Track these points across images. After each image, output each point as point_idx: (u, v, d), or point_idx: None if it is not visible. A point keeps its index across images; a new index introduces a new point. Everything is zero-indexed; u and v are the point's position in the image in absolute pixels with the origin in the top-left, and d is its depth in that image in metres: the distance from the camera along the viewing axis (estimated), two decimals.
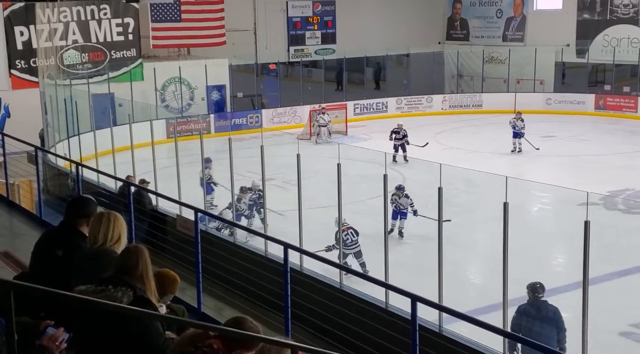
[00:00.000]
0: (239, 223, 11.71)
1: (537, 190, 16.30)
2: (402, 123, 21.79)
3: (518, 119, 21.85)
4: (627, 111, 26.77)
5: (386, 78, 31.77)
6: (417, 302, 5.73)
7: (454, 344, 6.75)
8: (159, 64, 25.60)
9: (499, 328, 5.93)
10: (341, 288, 8.27)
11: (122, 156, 13.94)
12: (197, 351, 3.42)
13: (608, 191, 16.40)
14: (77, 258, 4.33)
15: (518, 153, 21.56)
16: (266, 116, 26.72)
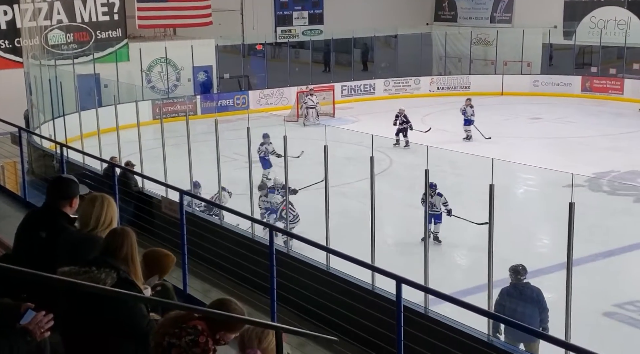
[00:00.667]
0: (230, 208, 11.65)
1: (523, 172, 16.37)
2: (403, 108, 21.59)
3: (468, 105, 21.44)
4: (613, 93, 26.88)
5: (374, 59, 31.67)
6: (402, 284, 5.76)
7: (439, 326, 6.79)
8: (145, 45, 25.36)
9: (483, 309, 5.98)
10: (327, 270, 8.29)
11: (108, 137, 13.84)
12: (182, 332, 3.43)
13: (593, 172, 16.51)
14: (64, 241, 4.28)
15: (469, 140, 20.94)
16: (253, 98, 26.59)
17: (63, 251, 4.22)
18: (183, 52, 25.37)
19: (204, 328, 3.47)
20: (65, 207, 4.52)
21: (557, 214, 7.98)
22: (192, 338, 3.42)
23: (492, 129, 22.54)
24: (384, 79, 29.24)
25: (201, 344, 3.42)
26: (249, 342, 3.37)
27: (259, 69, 28.69)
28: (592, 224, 12.66)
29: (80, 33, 24.03)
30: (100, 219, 4.25)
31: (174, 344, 3.42)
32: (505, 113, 25.22)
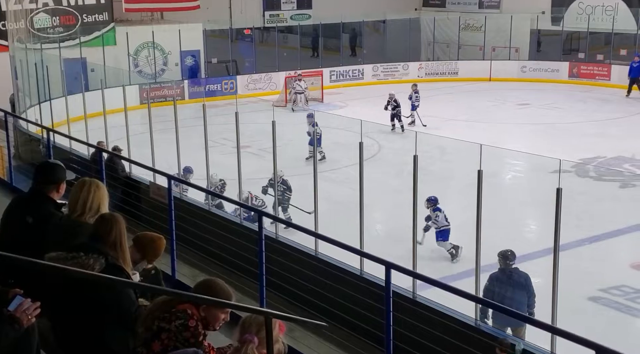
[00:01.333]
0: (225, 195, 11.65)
1: (511, 158, 16.45)
2: (393, 93, 21.55)
3: (414, 91, 21.67)
4: (600, 79, 26.98)
5: (362, 45, 31.58)
6: (391, 269, 5.78)
7: (427, 311, 6.83)
8: (132, 29, 25.14)
9: (471, 294, 6.01)
10: (316, 255, 8.30)
11: (95, 122, 13.73)
12: (171, 317, 3.43)
13: (580, 158, 16.60)
14: (51, 227, 4.25)
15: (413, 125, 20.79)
16: (241, 83, 26.48)
17: (50, 237, 4.20)
18: (170, 37, 25.18)
19: (194, 312, 3.47)
20: (51, 193, 4.49)
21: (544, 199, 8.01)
22: (182, 322, 3.42)
23: (481, 114, 22.62)
24: (372, 64, 29.18)
25: (191, 328, 3.42)
26: (248, 328, 3.37)
27: (247, 54, 28.54)
28: (578, 209, 12.75)
29: (66, 16, 23.77)
30: (87, 204, 4.20)
31: (163, 329, 3.42)
32: (493, 99, 25.27)
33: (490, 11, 30.56)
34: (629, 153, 17.63)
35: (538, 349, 6.17)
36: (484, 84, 28.06)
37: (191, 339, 3.41)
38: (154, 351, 3.42)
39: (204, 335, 3.47)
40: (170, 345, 3.40)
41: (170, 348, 3.40)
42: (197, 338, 3.43)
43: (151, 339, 3.43)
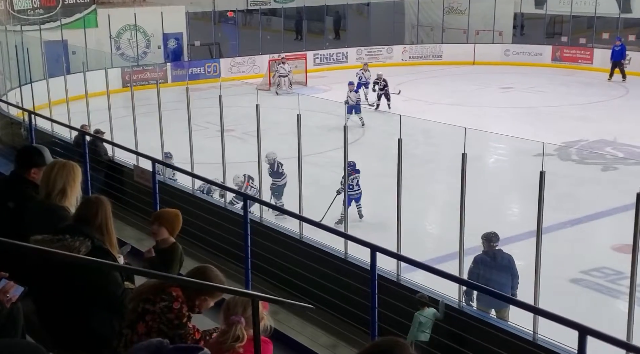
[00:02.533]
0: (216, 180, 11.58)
1: (494, 141, 16.53)
2: (381, 73, 21.74)
3: (365, 70, 22.99)
4: (582, 63, 27.12)
5: (346, 28, 31.46)
6: (376, 252, 5.80)
7: (412, 293, 6.89)
8: (114, 11, 24.87)
9: (455, 276, 6.06)
10: (301, 238, 8.32)
11: (77, 105, 13.61)
12: (156, 299, 3.45)
13: (563, 141, 16.72)
14: (29, 211, 4.20)
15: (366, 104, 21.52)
16: (224, 66, 26.32)
17: (28, 220, 4.15)
18: (153, 19, 24.93)
19: (179, 295, 3.49)
20: (34, 176, 4.43)
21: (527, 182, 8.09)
22: (166, 304, 3.45)
23: (465, 98, 22.67)
24: (356, 47, 29.09)
25: (175, 310, 3.44)
26: (234, 309, 3.39)
27: (230, 37, 28.34)
28: (561, 192, 12.85)
29: None
30: (49, 185, 4.09)
31: (148, 311, 3.45)
32: (477, 82, 25.33)
33: None
34: (610, 136, 17.79)
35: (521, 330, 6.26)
36: (468, 68, 28.11)
37: (175, 321, 3.44)
38: (138, 332, 3.45)
39: (188, 317, 3.48)
40: (154, 327, 3.44)
41: (154, 330, 3.43)
42: (180, 320, 3.45)
43: (136, 320, 3.46)
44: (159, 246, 5.18)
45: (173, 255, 5.18)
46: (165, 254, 5.14)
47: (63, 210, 4.03)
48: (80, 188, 4.22)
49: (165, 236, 5.15)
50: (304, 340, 6.72)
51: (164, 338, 3.39)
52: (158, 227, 5.14)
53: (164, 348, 2.32)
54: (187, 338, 3.47)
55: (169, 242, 5.18)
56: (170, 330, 3.44)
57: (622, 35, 26.10)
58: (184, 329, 3.46)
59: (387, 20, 30.36)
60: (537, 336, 6.21)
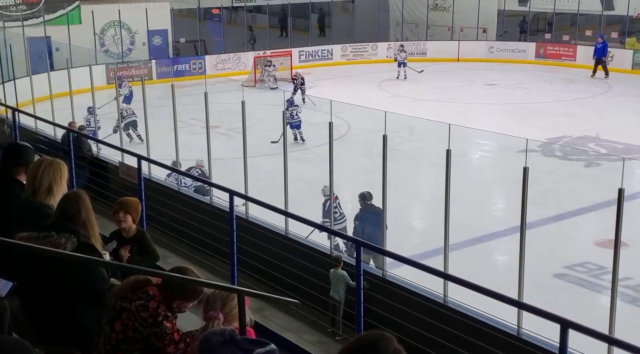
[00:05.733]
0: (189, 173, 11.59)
1: (479, 137, 16.61)
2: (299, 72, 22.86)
3: (401, 51, 25.77)
4: (566, 60, 27.31)
5: (331, 25, 31.46)
6: (361, 248, 5.83)
7: (397, 288, 6.93)
8: (97, 7, 24.70)
9: (441, 271, 6.10)
10: (286, 234, 8.34)
11: (61, 102, 13.52)
12: (133, 297, 3.46)
13: (546, 138, 16.84)
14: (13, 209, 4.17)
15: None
16: (210, 63, 26.25)
17: (14, 218, 4.12)
18: (137, 15, 24.80)
19: (156, 294, 3.50)
20: (19, 174, 4.41)
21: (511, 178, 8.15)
22: (142, 303, 3.46)
23: (449, 94, 22.77)
24: (341, 44, 29.11)
25: (150, 309, 3.45)
26: (213, 304, 3.39)
27: (215, 34, 28.25)
28: (544, 188, 12.96)
29: None
30: (35, 183, 4.07)
31: (124, 308, 3.46)
32: (461, 79, 25.44)
33: None
34: (593, 133, 17.94)
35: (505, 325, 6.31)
36: (452, 64, 28.23)
37: (149, 319, 3.44)
38: (116, 330, 3.46)
39: (164, 316, 3.48)
40: (129, 324, 3.45)
41: (130, 327, 3.44)
42: (155, 318, 3.45)
43: (114, 318, 3.47)
44: (126, 236, 5.19)
45: (146, 240, 5.29)
46: (138, 242, 5.17)
47: (49, 208, 4.01)
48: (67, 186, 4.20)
49: (130, 224, 5.19)
50: (290, 336, 6.74)
51: (139, 336, 3.41)
52: (124, 215, 5.18)
53: (236, 336, 2.38)
54: (163, 338, 3.47)
55: (134, 230, 5.22)
56: (145, 329, 3.45)
57: (604, 32, 26.32)
58: (160, 329, 3.46)
59: (372, 17, 30.39)
60: (521, 330, 6.27)
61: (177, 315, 3.59)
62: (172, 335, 3.49)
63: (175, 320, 3.56)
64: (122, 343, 3.44)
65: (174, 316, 3.55)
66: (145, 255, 5.20)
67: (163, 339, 3.45)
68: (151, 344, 3.45)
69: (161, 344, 3.45)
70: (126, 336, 3.44)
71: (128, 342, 3.45)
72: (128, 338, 3.44)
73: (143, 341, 3.45)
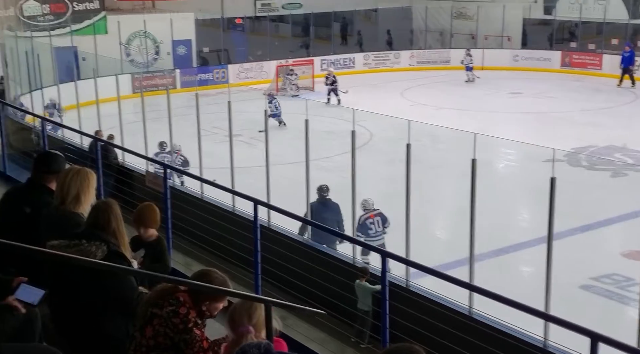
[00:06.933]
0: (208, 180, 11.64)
1: (504, 147, 16.49)
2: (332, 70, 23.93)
3: (468, 55, 26.20)
4: (591, 68, 27.05)
5: (354, 33, 31.50)
6: (387, 258, 5.79)
7: (421, 299, 6.87)
8: (123, 18, 25.01)
9: (465, 282, 6.04)
10: (307, 243, 8.33)
11: (87, 111, 13.70)
12: (164, 303, 3.47)
13: (572, 147, 16.68)
14: (44, 217, 4.21)
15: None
16: (232, 72, 26.41)
17: (44, 227, 4.17)
18: (162, 26, 25.06)
19: (186, 300, 3.51)
20: (50, 182, 4.46)
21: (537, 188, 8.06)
22: (173, 309, 3.47)
23: (473, 103, 22.65)
24: (363, 53, 29.13)
25: (181, 315, 3.46)
26: (239, 319, 3.37)
27: (238, 43, 28.44)
28: (570, 198, 12.78)
29: (57, 4, 23.61)
30: (63, 191, 4.11)
31: (155, 315, 3.48)
32: (486, 88, 25.31)
33: (483, 0, 30.53)
34: (620, 142, 17.72)
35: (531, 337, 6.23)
36: (476, 73, 28.08)
37: (180, 326, 3.46)
38: (146, 336, 3.47)
39: (194, 323, 3.49)
40: (160, 331, 3.46)
41: (161, 333, 3.46)
42: (186, 325, 3.47)
43: (145, 324, 3.48)
44: (144, 240, 5.23)
45: (162, 248, 5.32)
46: (154, 248, 5.20)
47: (77, 216, 4.04)
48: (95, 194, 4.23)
49: (151, 233, 5.25)
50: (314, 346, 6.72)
51: (169, 342, 3.42)
52: (145, 230, 5.21)
53: (271, 349, 2.41)
54: (193, 345, 3.47)
55: (153, 236, 5.30)
56: (175, 335, 3.46)
57: (631, 41, 26.04)
58: (189, 335, 3.47)
59: (395, 26, 30.39)
60: (547, 342, 6.19)
61: (205, 323, 3.59)
62: (201, 343, 3.50)
63: (204, 328, 3.56)
64: (152, 349, 3.46)
65: (203, 324, 3.56)
66: (157, 262, 5.22)
67: (193, 346, 3.46)
68: (180, 351, 3.46)
69: (191, 351, 3.45)
70: (156, 343, 3.45)
71: (158, 349, 3.46)
72: (158, 345, 3.45)
73: (173, 348, 3.46)
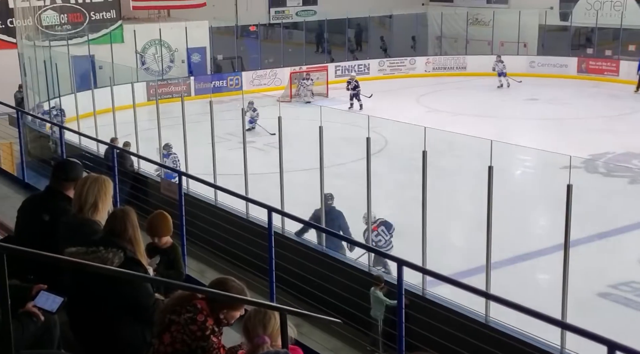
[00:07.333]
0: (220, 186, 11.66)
1: (520, 153, 16.38)
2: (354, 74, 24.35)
3: (499, 61, 26.17)
4: (608, 75, 26.83)
5: (368, 40, 31.49)
6: (403, 266, 5.75)
7: (437, 307, 6.83)
8: (139, 26, 25.19)
9: (482, 290, 5.99)
10: (323, 251, 8.31)
11: (103, 119, 13.78)
12: (182, 310, 3.47)
13: (589, 154, 16.54)
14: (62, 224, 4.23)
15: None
16: (246, 78, 26.49)
17: (62, 234, 4.18)
18: (177, 34, 25.21)
19: (204, 307, 3.51)
20: (68, 190, 4.49)
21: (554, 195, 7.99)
22: (190, 316, 3.47)
23: (489, 109, 22.55)
24: (378, 59, 29.10)
25: (198, 322, 3.47)
26: (254, 330, 3.35)
27: (252, 50, 28.53)
28: (588, 205, 12.68)
29: (74, 14, 23.82)
30: (81, 199, 4.13)
31: (173, 321, 3.48)
32: (502, 94, 25.19)
33: (499, 6, 30.41)
34: (637, 149, 17.54)
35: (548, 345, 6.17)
36: (493, 79, 27.96)
37: (198, 333, 3.46)
38: (164, 342, 3.48)
39: (212, 330, 3.48)
40: (178, 337, 3.47)
41: (178, 340, 3.46)
42: (203, 332, 3.47)
43: (163, 331, 3.48)
44: (158, 247, 5.23)
45: (176, 255, 5.32)
46: (168, 255, 5.21)
47: (95, 224, 4.07)
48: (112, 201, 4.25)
49: (165, 241, 5.28)
50: None
51: (187, 349, 3.41)
52: (160, 240, 5.22)
53: None
54: (210, 352, 3.46)
55: (168, 243, 5.31)
56: (193, 342, 3.46)
57: None
58: (207, 343, 3.47)
59: (410, 32, 30.34)
60: (564, 351, 6.12)
61: (222, 331, 3.58)
62: (218, 350, 3.50)
63: (221, 336, 3.55)
64: None
65: (219, 332, 3.55)
66: (170, 269, 5.22)
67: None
68: None
69: None
70: (174, 349, 3.45)
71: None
72: (176, 351, 3.45)
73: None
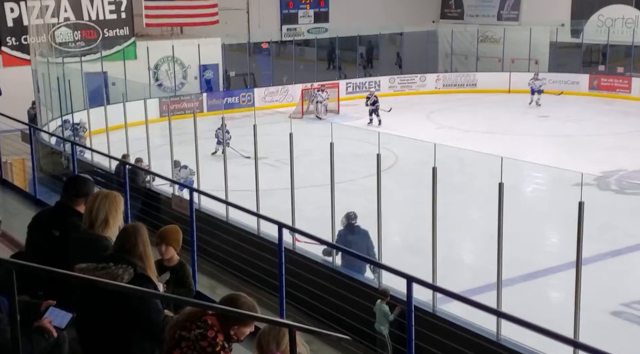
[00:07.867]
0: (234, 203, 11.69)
1: (532, 170, 16.32)
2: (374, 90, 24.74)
3: (536, 79, 25.85)
4: (620, 92, 26.76)
5: (379, 57, 31.62)
6: (412, 282, 5.73)
7: (447, 324, 6.79)
8: (152, 43, 25.39)
9: (493, 308, 5.95)
10: (333, 267, 8.29)
11: (116, 135, 13.88)
12: (192, 326, 3.47)
13: (601, 171, 16.45)
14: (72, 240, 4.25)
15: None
16: (258, 95, 26.62)
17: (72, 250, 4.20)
18: (190, 51, 25.39)
19: (214, 323, 3.51)
20: (79, 206, 4.51)
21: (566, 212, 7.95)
22: (200, 332, 3.46)
23: (500, 126, 22.52)
24: (389, 76, 29.19)
25: (209, 338, 3.46)
26: (267, 346, 3.36)
27: (264, 67, 28.70)
28: (600, 223, 12.60)
29: (88, 31, 24.07)
30: (92, 215, 4.14)
31: (183, 337, 3.47)
32: (513, 111, 25.16)
33: (509, 23, 30.48)
34: None
35: None
36: (503, 96, 27.96)
37: (208, 349, 3.45)
38: None
39: (222, 346, 3.48)
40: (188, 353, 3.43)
41: None
42: (214, 348, 3.46)
43: (173, 347, 3.48)
44: (167, 265, 5.23)
45: (185, 273, 5.32)
46: (177, 273, 5.21)
47: (105, 240, 4.08)
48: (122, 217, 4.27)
49: (171, 255, 5.21)
50: None
51: None
52: (166, 248, 5.23)
53: None
54: None
55: (175, 260, 5.25)
56: None
57: None
58: None
59: (421, 49, 30.43)
60: None
61: (232, 348, 3.57)
62: None
63: (230, 352, 3.54)
64: None
65: (230, 348, 3.54)
66: (181, 287, 5.22)
67: None
68: None
69: None
70: None
71: None
72: None
73: None
